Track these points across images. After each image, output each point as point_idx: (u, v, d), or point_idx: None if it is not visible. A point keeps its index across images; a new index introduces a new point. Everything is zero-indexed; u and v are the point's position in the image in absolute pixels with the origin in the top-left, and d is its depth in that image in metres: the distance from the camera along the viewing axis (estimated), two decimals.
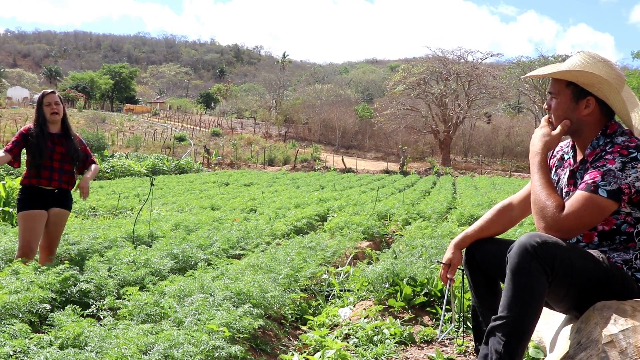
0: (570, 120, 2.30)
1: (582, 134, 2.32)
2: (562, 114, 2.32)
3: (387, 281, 4.19)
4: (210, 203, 11.56)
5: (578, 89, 2.27)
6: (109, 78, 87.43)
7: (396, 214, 9.82)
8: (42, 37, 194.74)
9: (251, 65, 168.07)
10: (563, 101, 2.31)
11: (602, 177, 2.09)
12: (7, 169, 18.77)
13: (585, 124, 2.29)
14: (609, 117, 2.29)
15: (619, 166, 2.10)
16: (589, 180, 2.11)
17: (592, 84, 2.23)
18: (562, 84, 2.32)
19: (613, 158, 2.13)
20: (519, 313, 2.05)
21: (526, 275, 2.04)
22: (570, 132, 2.35)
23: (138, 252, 5.08)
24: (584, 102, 2.26)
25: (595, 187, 2.08)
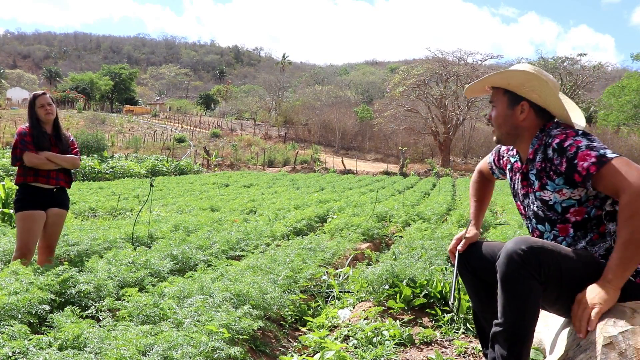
0: (509, 129, 2.38)
1: (523, 139, 2.39)
2: (501, 122, 2.40)
3: (386, 283, 4.19)
4: (210, 204, 11.55)
5: (513, 96, 2.35)
6: (108, 79, 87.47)
7: (396, 216, 9.82)
8: (42, 39, 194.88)
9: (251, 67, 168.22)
10: (500, 109, 2.40)
11: (592, 150, 2.11)
12: (7, 169, 18.78)
13: (524, 128, 2.36)
14: (546, 119, 2.36)
15: (587, 141, 2.14)
16: (591, 161, 2.09)
17: (523, 83, 2.30)
18: (499, 93, 2.40)
19: (574, 139, 2.17)
20: (515, 319, 2.10)
21: (516, 282, 2.08)
22: (511, 139, 2.43)
23: (137, 253, 5.08)
24: (518, 107, 2.34)
25: (603, 157, 2.08)
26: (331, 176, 28.85)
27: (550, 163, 2.25)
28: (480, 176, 2.94)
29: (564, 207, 2.28)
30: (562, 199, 2.26)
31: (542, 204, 2.34)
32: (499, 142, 2.51)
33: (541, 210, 2.36)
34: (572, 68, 44.90)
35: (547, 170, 2.27)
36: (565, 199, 2.26)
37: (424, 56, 54.82)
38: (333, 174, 31.38)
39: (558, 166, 2.21)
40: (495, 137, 2.49)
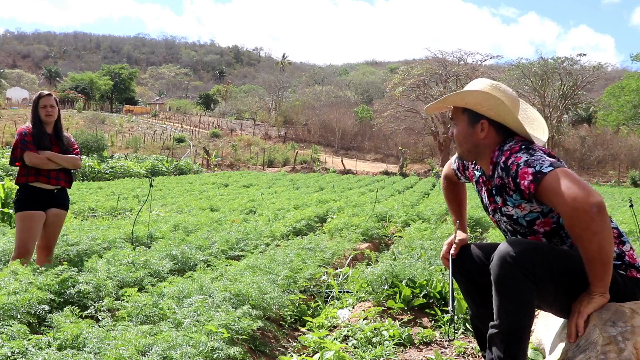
0: (470, 147, 2.40)
1: (485, 156, 2.40)
2: (462, 140, 2.41)
3: (386, 283, 4.19)
4: (210, 204, 11.55)
5: (472, 114, 2.35)
6: (108, 79, 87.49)
7: (395, 216, 9.82)
8: (41, 38, 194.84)
9: (251, 67, 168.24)
10: (461, 127, 2.41)
11: (529, 167, 2.11)
12: (7, 169, 18.77)
13: (485, 146, 2.37)
14: (507, 135, 2.35)
15: (527, 156, 2.15)
16: (529, 179, 2.10)
17: (480, 103, 2.31)
18: (458, 111, 2.41)
19: (515, 156, 2.19)
20: (510, 320, 2.12)
21: (510, 284, 2.11)
22: (473, 156, 2.45)
23: (137, 253, 5.07)
24: (479, 126, 2.35)
25: (540, 173, 2.08)
26: (331, 176, 28.85)
27: (503, 182, 2.26)
28: (447, 182, 2.94)
29: (528, 220, 2.29)
30: (523, 213, 2.28)
31: (508, 219, 2.36)
32: (461, 159, 2.54)
33: (509, 224, 2.38)
34: (572, 68, 44.82)
35: (504, 187, 2.27)
36: (526, 213, 2.27)
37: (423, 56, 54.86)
38: (333, 174, 31.38)
39: (508, 185, 2.23)
40: (457, 154, 2.53)
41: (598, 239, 1.97)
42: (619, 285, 2.16)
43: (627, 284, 2.18)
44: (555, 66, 44.42)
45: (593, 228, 1.96)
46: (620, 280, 2.17)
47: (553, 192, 2.04)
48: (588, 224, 1.96)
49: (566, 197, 1.99)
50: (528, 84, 45.48)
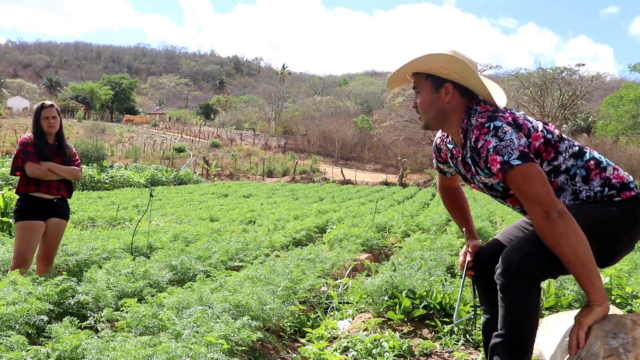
0: (436, 113, 2.36)
1: (451, 122, 2.37)
2: (428, 107, 2.37)
3: (386, 294, 4.18)
4: (209, 214, 11.54)
5: (436, 79, 2.32)
6: (109, 89, 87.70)
7: (395, 226, 9.81)
8: (43, 48, 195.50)
9: (251, 77, 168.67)
10: (425, 94, 2.37)
11: (498, 155, 2.12)
12: (6, 178, 18.76)
13: (450, 111, 2.35)
14: (470, 99, 2.34)
15: (496, 141, 2.13)
16: (497, 167, 2.13)
17: (444, 65, 2.28)
18: (421, 78, 2.37)
19: (484, 140, 2.17)
20: (515, 329, 2.13)
21: (514, 293, 2.12)
22: (439, 123, 2.41)
23: (137, 263, 5.07)
24: (443, 90, 2.32)
25: (507, 164, 2.10)
26: (330, 186, 28.86)
27: (475, 158, 2.27)
28: (444, 191, 2.88)
29: (503, 187, 2.32)
30: (497, 181, 2.30)
31: (484, 186, 2.39)
32: (426, 128, 2.48)
33: (486, 190, 2.41)
34: (571, 78, 45.03)
35: (477, 163, 2.28)
36: (499, 180, 2.27)
37: None
38: (332, 185, 31.39)
39: (480, 165, 2.25)
40: (423, 123, 2.47)
41: (566, 241, 2.01)
42: (618, 218, 2.17)
43: (626, 211, 2.19)
44: (554, 76, 44.62)
45: (559, 232, 2.01)
46: (618, 212, 2.18)
47: (517, 189, 2.11)
48: (552, 229, 2.02)
49: (530, 202, 2.07)
50: (527, 94, 45.65)
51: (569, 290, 4.40)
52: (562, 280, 4.60)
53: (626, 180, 2.24)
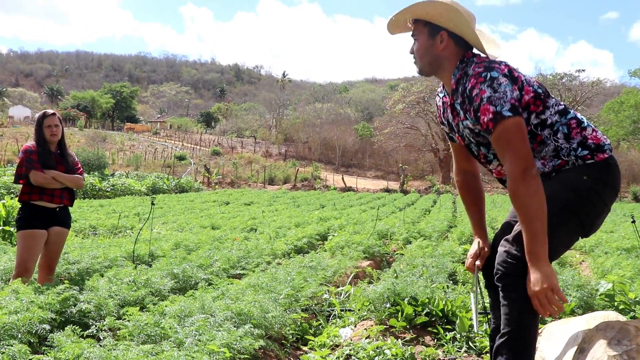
0: (431, 59, 2.44)
1: (444, 69, 2.45)
2: (423, 53, 2.45)
3: (388, 301, 4.17)
4: (211, 222, 11.54)
5: (432, 27, 2.41)
6: (110, 97, 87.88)
7: (397, 233, 9.80)
8: (44, 57, 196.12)
9: (251, 85, 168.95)
10: (421, 40, 2.45)
11: (491, 105, 2.18)
12: (8, 187, 18.78)
13: (444, 57, 2.42)
14: (466, 49, 2.42)
15: (490, 91, 2.19)
16: (489, 117, 2.19)
17: (441, 13, 2.36)
18: (420, 26, 2.46)
19: (480, 89, 2.23)
20: (517, 326, 2.19)
21: (514, 290, 2.20)
22: (433, 70, 2.49)
23: (138, 271, 5.06)
24: (438, 37, 2.41)
25: (499, 115, 2.17)
26: (332, 194, 28.84)
27: (466, 104, 2.34)
28: (461, 176, 2.79)
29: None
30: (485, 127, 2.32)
31: (471, 132, 2.41)
32: (420, 73, 2.54)
33: (472, 137, 2.44)
34: (571, 84, 45.07)
35: (467, 109, 2.34)
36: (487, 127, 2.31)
37: None
38: (333, 192, 31.37)
39: (470, 112, 2.31)
40: (418, 69, 2.53)
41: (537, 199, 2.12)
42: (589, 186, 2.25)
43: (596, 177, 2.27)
44: (555, 82, 44.64)
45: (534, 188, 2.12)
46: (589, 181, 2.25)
47: (503, 142, 2.18)
48: (529, 184, 2.12)
49: (512, 154, 2.16)
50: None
51: (572, 297, 4.39)
52: (565, 287, 4.60)
53: (602, 142, 2.31)
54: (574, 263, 8.05)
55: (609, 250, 8.13)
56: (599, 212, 2.31)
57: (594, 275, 6.65)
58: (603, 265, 6.68)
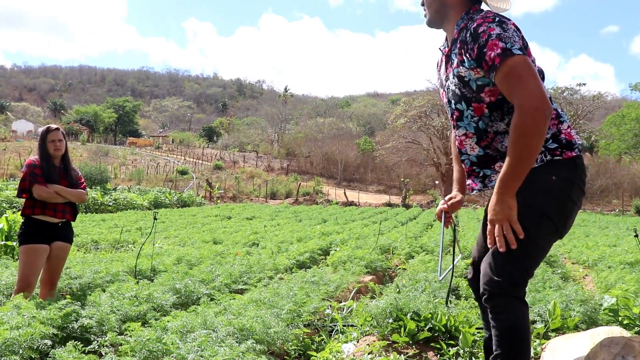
0: (438, 6, 2.49)
1: (449, 18, 2.48)
2: (432, 2, 2.50)
3: (390, 316, 4.15)
4: (213, 237, 11.53)
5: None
6: (112, 112, 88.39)
7: (399, 248, 9.78)
8: (47, 72, 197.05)
9: (253, 99, 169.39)
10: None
11: (500, 41, 2.17)
12: (11, 201, 18.80)
13: (450, 6, 2.46)
14: (472, 2, 2.46)
15: (500, 30, 2.19)
16: (497, 51, 2.16)
17: None
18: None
19: (488, 26, 2.22)
20: (509, 347, 2.20)
21: (502, 310, 2.22)
22: (440, 17, 2.52)
23: (140, 286, 5.05)
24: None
25: (508, 51, 2.14)
26: (333, 208, 28.82)
27: (467, 46, 2.31)
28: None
29: (479, 85, 2.33)
30: (477, 76, 2.32)
31: (459, 81, 2.39)
32: (429, 24, 2.56)
33: (458, 87, 2.41)
34: (572, 98, 45.15)
35: (465, 50, 2.32)
36: (479, 77, 2.31)
37: (424, 87, 55.29)
38: (335, 206, 31.36)
39: (471, 51, 2.28)
40: (427, 19, 2.56)
41: (538, 139, 2.11)
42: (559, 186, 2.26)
43: (564, 177, 2.27)
44: (556, 96, 44.72)
45: (540, 129, 2.09)
46: (558, 181, 2.26)
47: (514, 78, 2.13)
48: (537, 123, 2.09)
49: (524, 93, 2.10)
50: None
51: (575, 312, 4.37)
52: (568, 302, 4.58)
53: (574, 140, 2.32)
54: (577, 277, 8.02)
55: (613, 265, 8.09)
56: (570, 211, 2.32)
57: (598, 289, 6.62)
58: (606, 279, 6.66)
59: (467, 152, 2.50)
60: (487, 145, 2.41)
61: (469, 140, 2.46)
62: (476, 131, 2.41)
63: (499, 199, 2.18)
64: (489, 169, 2.45)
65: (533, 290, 5.25)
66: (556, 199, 2.25)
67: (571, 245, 11.68)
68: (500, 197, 2.18)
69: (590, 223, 21.97)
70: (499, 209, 2.18)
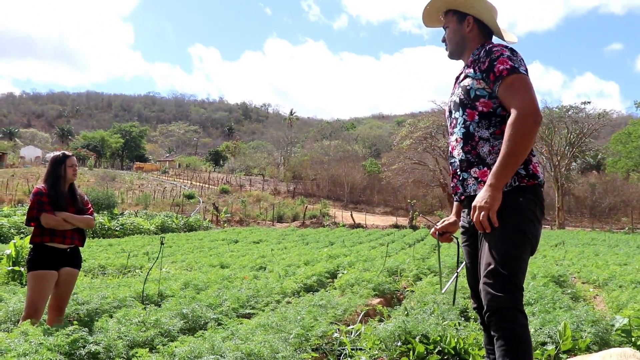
0: (459, 40, 2.85)
1: (468, 50, 2.83)
2: (452, 35, 2.86)
3: (399, 339, 4.12)
4: (220, 261, 11.51)
5: (460, 14, 2.83)
6: (119, 137, 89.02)
7: (407, 270, 9.73)
8: (55, 98, 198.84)
9: (259, 123, 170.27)
10: (452, 28, 2.87)
11: (510, 61, 2.55)
12: (18, 227, 18.87)
13: (469, 40, 2.82)
14: (488, 37, 2.83)
15: (510, 54, 2.58)
16: (505, 66, 2.54)
17: (466, 1, 2.77)
18: (449, 15, 2.87)
19: (500, 49, 2.61)
20: (515, 355, 2.35)
21: (506, 322, 2.40)
22: (460, 50, 2.87)
23: (147, 312, 5.04)
24: (465, 22, 2.82)
25: (515, 69, 2.52)
26: (340, 231, 28.76)
27: (478, 61, 2.68)
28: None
29: (477, 94, 2.67)
30: (477, 86, 2.67)
31: (462, 91, 2.75)
32: (450, 56, 2.92)
33: (458, 97, 2.77)
34: (577, 116, 45.11)
35: (476, 64, 2.69)
36: (479, 87, 2.66)
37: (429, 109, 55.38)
38: (342, 229, 31.28)
39: (482, 64, 2.64)
40: (448, 52, 2.92)
41: (528, 140, 2.44)
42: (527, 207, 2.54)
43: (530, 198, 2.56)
44: (561, 115, 44.73)
45: (531, 133, 2.45)
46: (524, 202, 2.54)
47: (516, 89, 2.50)
48: (530, 127, 2.44)
49: (524, 101, 2.47)
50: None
51: (587, 333, 4.32)
52: (579, 323, 4.53)
53: (538, 174, 2.63)
54: (588, 297, 7.94)
55: (624, 284, 8.02)
56: (538, 228, 2.59)
57: (609, 309, 6.55)
58: (618, 299, 6.59)
59: (454, 155, 2.82)
60: (469, 150, 2.70)
61: (457, 144, 2.78)
62: (464, 135, 2.73)
63: (488, 189, 2.47)
64: (467, 172, 2.72)
65: (543, 311, 5.20)
66: (526, 217, 2.53)
67: (581, 265, 11.59)
68: (489, 188, 2.47)
69: (600, 242, 21.80)
70: (485, 197, 2.47)
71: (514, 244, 2.47)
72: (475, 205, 2.50)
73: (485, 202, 2.46)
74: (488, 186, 2.48)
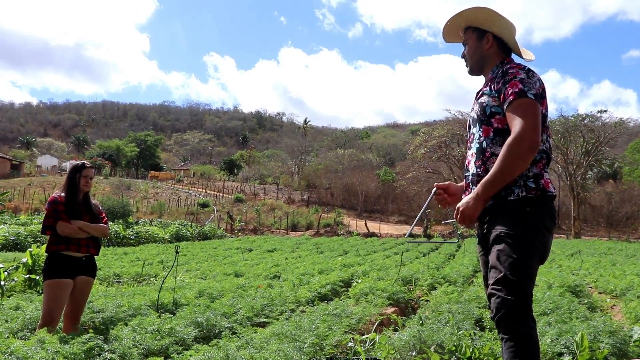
0: (478, 57, 2.92)
1: (488, 67, 2.91)
2: (472, 52, 2.94)
3: (414, 349, 4.10)
4: (234, 269, 11.53)
5: (480, 31, 2.90)
6: (134, 146, 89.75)
7: (421, 279, 9.68)
8: (72, 108, 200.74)
9: (273, 132, 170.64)
10: (471, 43, 2.94)
11: (521, 84, 2.62)
12: (35, 235, 19.05)
13: (488, 56, 2.90)
14: (507, 54, 2.91)
15: (524, 75, 2.66)
16: (515, 89, 2.61)
17: (487, 18, 2.85)
18: (469, 32, 2.94)
19: (516, 71, 2.69)
20: (525, 356, 2.39)
21: (517, 324, 2.44)
22: (479, 66, 2.95)
23: (162, 320, 5.06)
24: (485, 39, 2.90)
25: (523, 93, 2.59)
26: (355, 239, 28.70)
27: (494, 80, 2.77)
28: None
29: (492, 111, 2.76)
30: (493, 103, 2.75)
31: (479, 107, 2.83)
32: (471, 72, 2.99)
33: (476, 113, 2.85)
34: (593, 125, 44.76)
35: (492, 82, 2.79)
36: (494, 105, 2.74)
37: (444, 117, 55.34)
38: (356, 237, 31.22)
39: (496, 83, 2.74)
40: (468, 68, 2.99)
41: (521, 163, 2.53)
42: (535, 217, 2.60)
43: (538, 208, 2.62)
44: (577, 123, 44.41)
45: (525, 158, 2.53)
46: (532, 212, 2.60)
47: (519, 112, 2.57)
48: (526, 152, 2.52)
49: (522, 125, 2.53)
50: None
51: (604, 344, 4.27)
52: (596, 333, 4.47)
53: (549, 189, 2.68)
54: (605, 308, 7.84)
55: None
56: (547, 237, 2.65)
57: (627, 320, 6.46)
58: (636, 309, 6.50)
59: (469, 169, 2.88)
60: (480, 165, 2.77)
61: (472, 159, 2.85)
62: (478, 150, 2.80)
63: (473, 197, 2.63)
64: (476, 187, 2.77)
65: (559, 321, 5.15)
66: (533, 226, 2.59)
67: (597, 274, 11.46)
68: (474, 196, 2.62)
69: (617, 251, 21.55)
70: (468, 203, 2.63)
71: (521, 251, 2.53)
72: (459, 207, 2.68)
73: (467, 209, 2.64)
74: (474, 194, 2.63)
